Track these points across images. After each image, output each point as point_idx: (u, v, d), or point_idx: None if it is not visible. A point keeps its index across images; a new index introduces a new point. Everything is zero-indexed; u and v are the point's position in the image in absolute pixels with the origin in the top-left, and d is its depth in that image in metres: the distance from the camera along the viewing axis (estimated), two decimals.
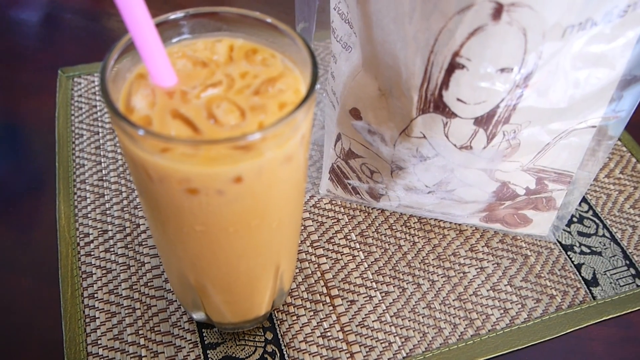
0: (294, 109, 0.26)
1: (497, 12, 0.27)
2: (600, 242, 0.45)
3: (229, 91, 0.28)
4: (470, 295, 0.42)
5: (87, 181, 0.47)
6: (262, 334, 0.39)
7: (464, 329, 0.40)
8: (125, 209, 0.45)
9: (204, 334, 0.39)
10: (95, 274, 0.41)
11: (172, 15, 0.28)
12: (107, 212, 0.45)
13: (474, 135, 0.34)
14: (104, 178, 0.47)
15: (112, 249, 0.43)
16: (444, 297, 0.42)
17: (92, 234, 0.43)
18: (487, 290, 0.42)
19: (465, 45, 0.29)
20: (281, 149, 0.27)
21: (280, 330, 0.39)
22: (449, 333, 0.40)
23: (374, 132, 0.38)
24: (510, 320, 0.41)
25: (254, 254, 0.32)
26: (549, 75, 0.31)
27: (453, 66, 0.30)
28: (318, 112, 0.54)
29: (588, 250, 0.45)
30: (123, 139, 0.26)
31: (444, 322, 0.40)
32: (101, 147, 0.49)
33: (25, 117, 0.52)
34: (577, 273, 0.43)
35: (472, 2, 0.27)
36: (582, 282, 0.43)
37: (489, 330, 0.40)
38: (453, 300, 0.41)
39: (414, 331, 0.40)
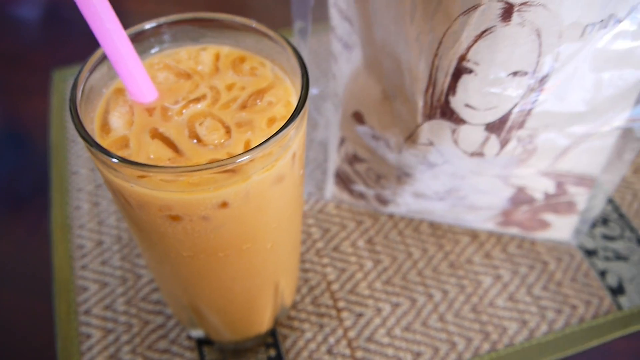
0: (284, 125, 0.23)
1: (507, 13, 0.24)
2: (626, 246, 0.42)
3: (213, 106, 0.26)
4: (485, 307, 0.39)
5: (83, 189, 0.45)
6: (265, 350, 0.37)
7: (479, 343, 0.38)
8: (121, 218, 0.43)
9: (204, 352, 0.37)
10: (90, 288, 0.39)
11: (148, 25, 0.26)
12: (104, 222, 0.43)
13: (485, 141, 0.31)
14: (101, 185, 0.45)
15: (108, 261, 0.41)
16: (457, 309, 0.39)
17: (87, 245, 0.42)
18: (504, 301, 0.40)
19: (473, 48, 0.26)
20: (270, 170, 0.24)
21: (283, 347, 0.37)
22: (463, 348, 0.37)
23: (379, 138, 0.35)
24: (529, 334, 0.38)
25: (249, 275, 0.30)
26: (567, 78, 0.28)
27: (460, 71, 0.27)
28: (326, 109, 0.51)
29: (613, 256, 0.42)
30: (97, 164, 0.24)
31: (458, 336, 0.38)
32: None
33: (20, 120, 0.51)
34: (602, 281, 0.40)
35: (479, 2, 0.24)
36: (607, 291, 0.40)
37: (506, 345, 0.38)
38: (467, 312, 0.39)
39: (425, 346, 0.37)
